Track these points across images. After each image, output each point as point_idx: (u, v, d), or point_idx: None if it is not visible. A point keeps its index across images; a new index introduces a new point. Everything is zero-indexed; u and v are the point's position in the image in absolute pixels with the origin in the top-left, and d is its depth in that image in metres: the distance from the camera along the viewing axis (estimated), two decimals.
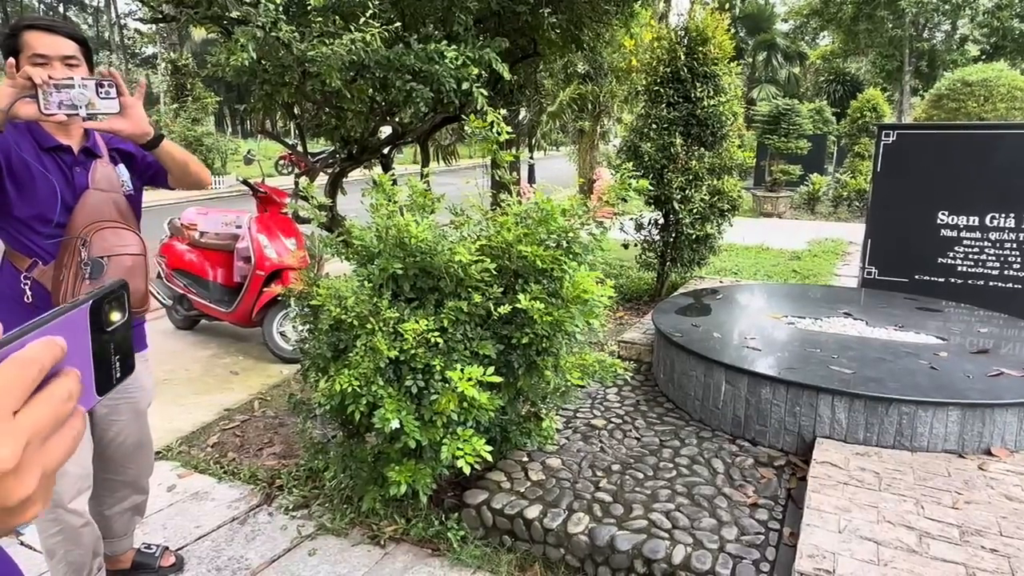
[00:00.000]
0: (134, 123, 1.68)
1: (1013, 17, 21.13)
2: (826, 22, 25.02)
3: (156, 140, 1.80)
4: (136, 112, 1.69)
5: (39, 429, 0.37)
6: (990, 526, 2.12)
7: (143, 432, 2.18)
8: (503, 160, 2.57)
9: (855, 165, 12.40)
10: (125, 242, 1.89)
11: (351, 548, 2.47)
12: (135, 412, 2.12)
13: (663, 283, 5.89)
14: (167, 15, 3.98)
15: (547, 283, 2.32)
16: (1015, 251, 4.27)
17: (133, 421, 2.12)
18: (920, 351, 3.17)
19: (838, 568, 1.92)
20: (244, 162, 5.53)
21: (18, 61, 1.69)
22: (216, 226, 5.05)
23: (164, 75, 21.96)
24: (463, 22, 3.79)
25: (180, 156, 1.93)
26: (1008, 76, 12.34)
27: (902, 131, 4.65)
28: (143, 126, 1.71)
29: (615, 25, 5.35)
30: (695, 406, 3.18)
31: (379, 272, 2.31)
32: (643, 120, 5.54)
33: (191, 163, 1.98)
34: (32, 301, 1.83)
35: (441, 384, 2.17)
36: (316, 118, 4.64)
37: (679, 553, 2.15)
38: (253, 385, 4.13)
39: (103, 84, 1.58)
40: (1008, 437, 2.66)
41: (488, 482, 2.58)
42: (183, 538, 2.58)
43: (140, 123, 1.70)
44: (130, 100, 1.66)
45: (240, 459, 3.18)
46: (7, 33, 1.73)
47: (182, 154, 1.94)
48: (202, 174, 2.04)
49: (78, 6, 41.27)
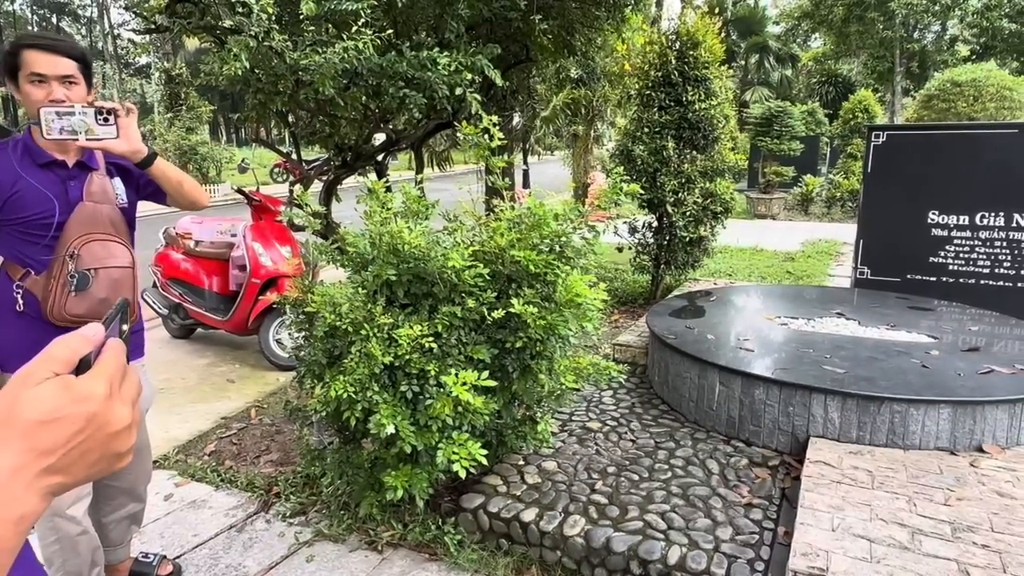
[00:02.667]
0: (129, 143, 1.77)
1: (1002, 17, 21.28)
2: (817, 24, 25.15)
3: (149, 159, 1.87)
4: (131, 133, 1.78)
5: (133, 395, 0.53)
6: (982, 522, 2.14)
7: (142, 438, 2.19)
8: (496, 166, 2.59)
9: (848, 166, 12.47)
10: (114, 254, 1.91)
11: (349, 554, 2.48)
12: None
13: (658, 286, 5.92)
14: (160, 25, 4.00)
15: (540, 287, 2.34)
16: (1005, 250, 4.30)
17: None
18: (912, 350, 3.20)
19: (831, 566, 1.94)
20: (239, 171, 5.56)
21: (17, 79, 1.73)
22: (211, 235, 5.07)
23: (158, 84, 21.96)
24: (455, 29, 3.82)
25: (174, 176, 1.98)
26: (997, 76, 12.44)
27: (892, 132, 4.69)
28: (136, 145, 1.80)
29: (607, 30, 5.39)
30: (690, 408, 3.20)
31: (373, 279, 2.32)
32: (635, 124, 5.58)
33: (185, 183, 2.02)
34: (24, 310, 1.86)
35: (436, 389, 2.18)
36: (310, 126, 4.66)
37: (674, 554, 2.16)
38: (250, 393, 4.14)
39: (102, 112, 1.69)
40: (999, 434, 2.69)
41: (484, 486, 2.59)
42: (181, 547, 2.58)
43: (134, 143, 1.79)
44: (125, 122, 1.75)
45: (237, 467, 3.19)
46: (8, 51, 1.76)
47: (176, 174, 1.99)
48: (197, 194, 2.08)
49: (72, 17, 41.28)
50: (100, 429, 0.49)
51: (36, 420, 0.46)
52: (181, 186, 2.00)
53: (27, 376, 0.47)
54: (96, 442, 0.49)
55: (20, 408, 0.46)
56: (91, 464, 0.49)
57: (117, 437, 0.50)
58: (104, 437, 0.49)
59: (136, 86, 37.41)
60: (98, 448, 0.49)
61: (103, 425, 0.49)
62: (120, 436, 0.51)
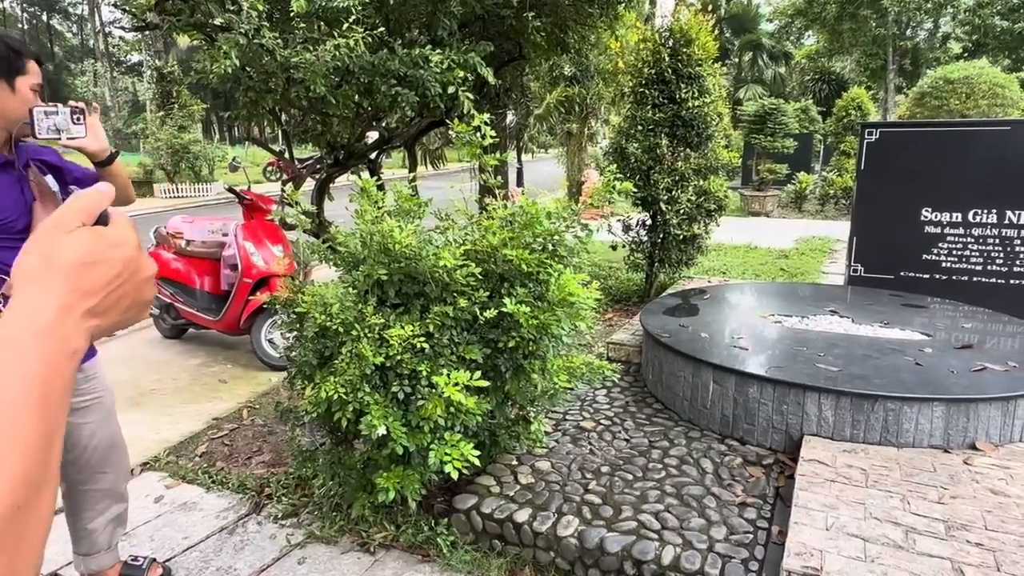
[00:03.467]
0: (97, 142, 1.84)
1: (994, 15, 21.39)
2: (810, 22, 25.24)
3: (112, 158, 1.92)
4: (98, 132, 1.85)
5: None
6: (976, 520, 2.14)
7: (115, 432, 2.19)
8: (489, 164, 2.58)
9: (841, 163, 12.50)
10: None
11: (341, 556, 2.46)
12: (105, 411, 2.14)
13: (652, 284, 5.91)
14: (151, 23, 3.96)
15: (533, 286, 2.32)
16: (998, 246, 4.31)
17: (104, 420, 2.13)
18: (905, 347, 3.20)
19: (826, 565, 1.93)
20: (230, 169, 5.50)
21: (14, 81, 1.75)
22: (202, 234, 5.02)
23: (150, 83, 21.82)
24: (447, 26, 3.79)
25: (123, 175, 2.02)
26: (989, 73, 12.47)
27: (885, 129, 4.69)
28: (104, 143, 1.87)
29: (600, 28, 5.37)
30: (684, 406, 3.19)
31: (364, 278, 2.30)
32: (629, 122, 5.56)
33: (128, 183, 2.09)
34: None
35: (428, 390, 2.16)
36: (302, 124, 4.63)
37: (668, 554, 2.15)
38: (242, 393, 4.11)
39: (75, 111, 1.77)
40: (992, 431, 2.69)
41: (477, 486, 2.58)
42: (171, 549, 2.56)
43: (102, 141, 1.86)
44: (91, 121, 1.82)
45: (229, 468, 3.16)
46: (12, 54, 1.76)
47: (124, 173, 2.05)
48: (130, 192, 2.14)
49: (62, 14, 40.99)
50: (134, 274, 0.53)
51: (79, 262, 0.49)
52: (127, 188, 2.06)
53: (59, 224, 0.50)
54: (131, 287, 0.53)
55: (62, 251, 0.49)
56: (124, 310, 0.53)
57: (148, 283, 0.55)
58: (137, 283, 0.53)
59: (128, 84, 37.15)
60: (132, 293, 0.53)
61: (136, 271, 0.53)
62: (149, 283, 0.55)
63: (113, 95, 30.89)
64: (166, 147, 16.53)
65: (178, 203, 15.53)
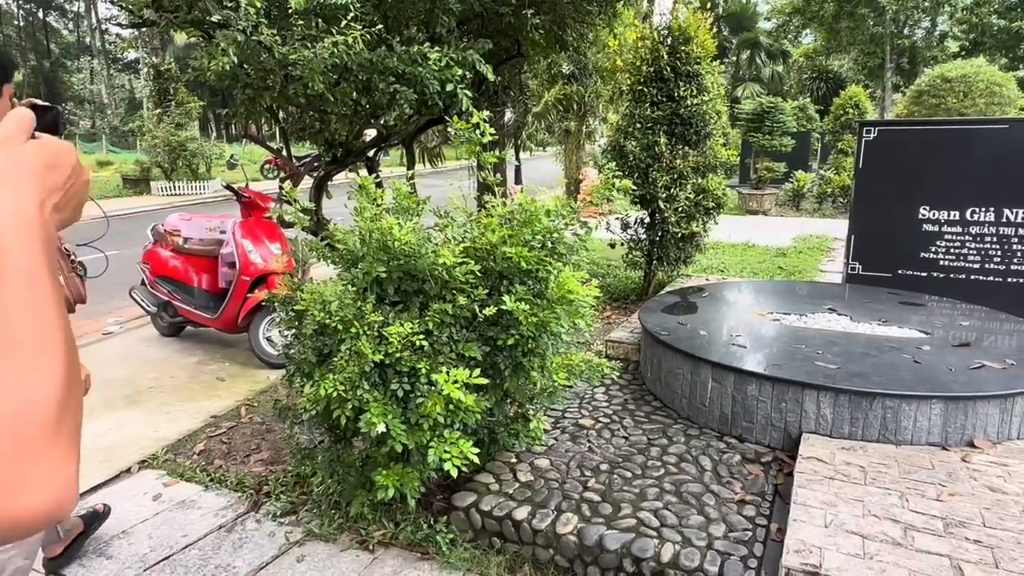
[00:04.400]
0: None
1: (991, 13, 21.42)
2: (808, 20, 25.25)
3: None
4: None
5: None
6: (974, 517, 2.15)
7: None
8: (487, 162, 2.57)
9: (839, 161, 12.51)
10: None
11: (340, 553, 2.46)
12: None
13: (650, 282, 5.91)
14: (148, 19, 3.94)
15: (532, 284, 2.32)
16: (995, 245, 4.32)
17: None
18: (903, 345, 3.20)
19: (824, 562, 1.93)
20: (227, 167, 5.50)
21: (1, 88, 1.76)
22: (200, 232, 5.01)
23: (147, 80, 21.75)
24: (446, 24, 3.79)
25: None
26: (987, 72, 12.50)
27: (883, 128, 4.70)
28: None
29: (598, 25, 5.36)
30: (682, 404, 3.20)
31: (363, 276, 2.30)
32: (628, 120, 5.56)
33: None
34: None
35: (427, 387, 2.16)
36: (300, 122, 4.62)
37: (667, 551, 2.15)
38: (240, 391, 4.10)
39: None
40: (990, 429, 2.69)
41: (476, 484, 2.58)
42: (169, 547, 2.55)
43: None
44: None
45: (227, 466, 3.16)
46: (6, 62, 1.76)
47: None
48: None
49: (58, 11, 40.84)
50: (79, 176, 0.63)
51: (44, 164, 0.58)
52: None
53: (10, 138, 0.57)
54: (79, 186, 0.63)
55: (29, 158, 0.57)
56: (74, 208, 0.63)
57: (87, 186, 0.65)
58: (81, 184, 0.63)
59: (124, 81, 37.04)
60: (79, 191, 0.63)
61: (80, 172, 0.63)
62: (87, 186, 0.65)
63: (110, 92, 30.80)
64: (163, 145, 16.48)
65: (175, 201, 15.50)
